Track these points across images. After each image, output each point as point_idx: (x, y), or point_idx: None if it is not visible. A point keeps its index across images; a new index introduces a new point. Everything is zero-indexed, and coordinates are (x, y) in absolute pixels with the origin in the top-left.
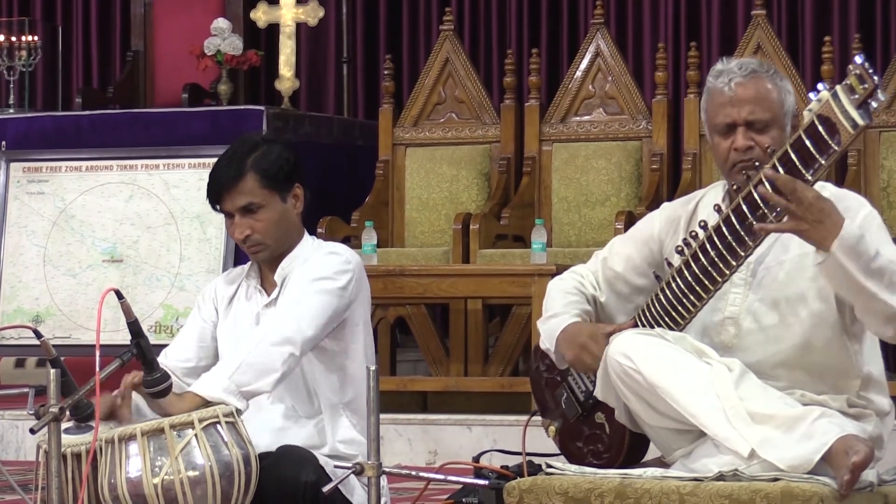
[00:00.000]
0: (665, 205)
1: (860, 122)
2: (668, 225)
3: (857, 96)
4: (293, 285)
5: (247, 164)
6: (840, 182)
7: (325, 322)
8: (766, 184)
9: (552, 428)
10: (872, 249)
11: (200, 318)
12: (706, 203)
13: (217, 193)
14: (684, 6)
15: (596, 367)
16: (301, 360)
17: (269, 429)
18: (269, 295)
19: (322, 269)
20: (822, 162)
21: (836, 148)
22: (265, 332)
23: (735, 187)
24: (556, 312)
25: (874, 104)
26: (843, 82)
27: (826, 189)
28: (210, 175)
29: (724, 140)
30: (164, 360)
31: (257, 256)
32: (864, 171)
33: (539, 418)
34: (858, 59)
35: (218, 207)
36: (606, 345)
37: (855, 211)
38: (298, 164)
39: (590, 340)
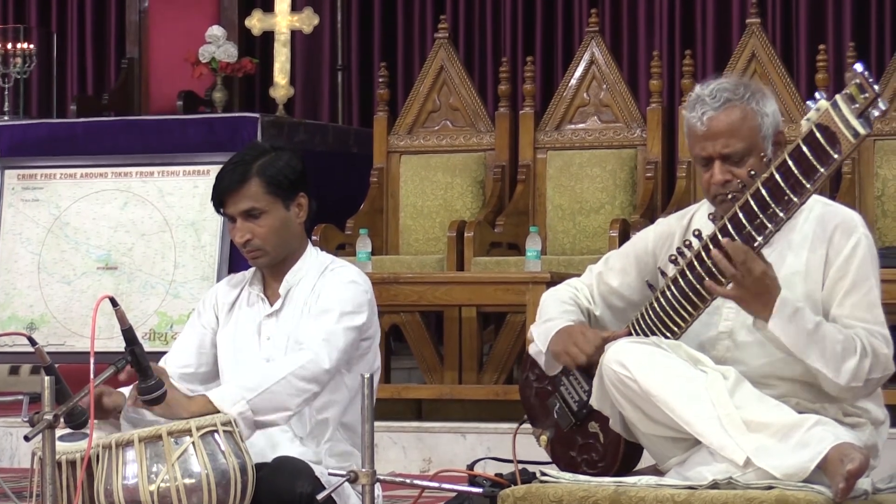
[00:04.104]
0: (660, 220)
1: (861, 131)
2: (662, 240)
3: (857, 105)
4: (323, 315)
5: (252, 168)
6: (834, 191)
7: (348, 358)
8: (714, 248)
9: (543, 438)
10: (811, 322)
11: (200, 325)
12: (700, 217)
13: (221, 196)
14: (679, 14)
15: (579, 361)
16: None
17: (265, 442)
18: (271, 304)
19: (349, 302)
20: (823, 171)
21: (837, 157)
22: (295, 365)
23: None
24: (552, 317)
25: (875, 113)
26: (843, 91)
27: (820, 204)
28: (216, 177)
29: (704, 171)
30: (164, 366)
31: (256, 262)
32: (859, 179)
33: (529, 426)
34: (859, 68)
35: (221, 210)
36: (599, 346)
37: (848, 233)
38: (305, 173)
39: (581, 336)
